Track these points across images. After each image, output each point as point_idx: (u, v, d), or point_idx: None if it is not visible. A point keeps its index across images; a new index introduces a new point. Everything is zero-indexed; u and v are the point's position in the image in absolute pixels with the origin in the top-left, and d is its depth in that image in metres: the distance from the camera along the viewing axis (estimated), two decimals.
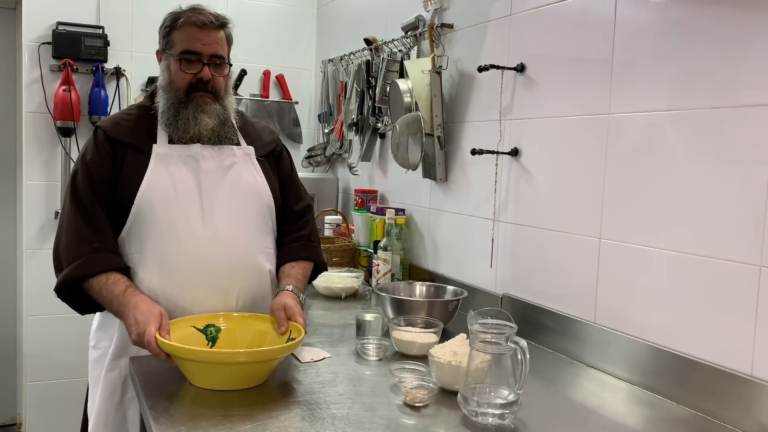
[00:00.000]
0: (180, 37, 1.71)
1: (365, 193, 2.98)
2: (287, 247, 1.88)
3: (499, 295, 2.12)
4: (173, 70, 1.72)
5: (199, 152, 1.73)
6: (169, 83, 1.73)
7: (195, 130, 1.71)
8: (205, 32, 1.70)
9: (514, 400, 1.31)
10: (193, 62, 1.71)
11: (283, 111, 3.70)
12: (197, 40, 1.70)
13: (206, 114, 1.72)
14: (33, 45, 3.17)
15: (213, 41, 1.72)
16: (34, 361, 3.26)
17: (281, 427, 1.27)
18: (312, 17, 3.77)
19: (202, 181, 1.72)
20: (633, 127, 1.63)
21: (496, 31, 2.15)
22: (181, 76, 1.71)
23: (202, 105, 1.72)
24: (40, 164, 3.23)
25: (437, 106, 2.33)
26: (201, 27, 1.70)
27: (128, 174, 1.68)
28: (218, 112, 1.74)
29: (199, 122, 1.71)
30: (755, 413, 1.32)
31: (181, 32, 1.71)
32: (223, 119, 1.75)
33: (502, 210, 2.12)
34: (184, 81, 1.71)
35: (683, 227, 1.50)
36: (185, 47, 1.70)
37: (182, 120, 1.71)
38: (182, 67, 1.71)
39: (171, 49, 1.72)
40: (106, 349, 1.73)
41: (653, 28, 1.58)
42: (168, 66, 1.74)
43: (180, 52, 1.71)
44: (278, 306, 1.64)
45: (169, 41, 1.73)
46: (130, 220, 1.67)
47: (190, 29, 1.70)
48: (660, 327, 1.56)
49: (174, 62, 1.72)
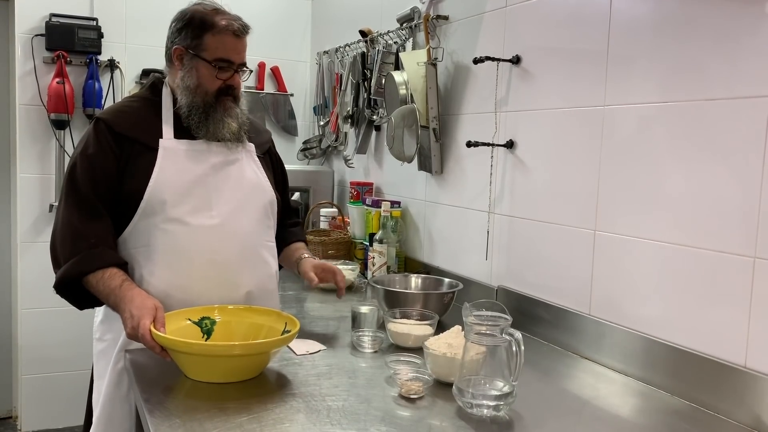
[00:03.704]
0: (216, 44, 1.71)
1: (361, 186, 2.97)
2: (290, 230, 2.02)
3: (494, 287, 2.12)
4: (204, 74, 1.72)
5: (205, 147, 1.75)
6: (197, 86, 1.73)
7: (221, 134, 1.75)
8: (239, 41, 1.74)
9: (509, 391, 1.32)
10: (226, 69, 1.73)
11: (279, 103, 3.69)
12: (233, 49, 1.73)
13: (232, 118, 1.77)
14: (26, 37, 3.15)
15: (244, 49, 1.77)
16: (29, 354, 3.26)
17: (277, 420, 1.27)
18: (307, 9, 3.76)
19: (210, 175, 1.73)
20: (628, 120, 1.63)
21: (491, 22, 2.15)
22: (213, 81, 1.73)
23: (229, 110, 1.76)
24: (34, 157, 3.22)
25: (433, 98, 2.33)
26: (237, 36, 1.73)
27: (135, 168, 1.68)
28: (239, 115, 1.79)
29: (225, 125, 1.75)
30: (749, 404, 1.33)
31: (217, 39, 1.71)
32: (242, 122, 1.80)
33: (498, 202, 2.12)
34: (214, 86, 1.74)
35: (677, 219, 1.50)
36: (222, 55, 1.72)
37: (213, 123, 1.74)
38: (218, 74, 1.73)
39: (202, 53, 1.71)
40: (112, 342, 1.72)
41: (648, 20, 1.57)
42: (197, 68, 1.73)
43: (215, 58, 1.71)
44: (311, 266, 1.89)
45: (200, 44, 1.72)
46: (139, 214, 1.67)
47: (227, 37, 1.72)
48: (654, 318, 1.56)
49: (206, 66, 1.72)
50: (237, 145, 1.80)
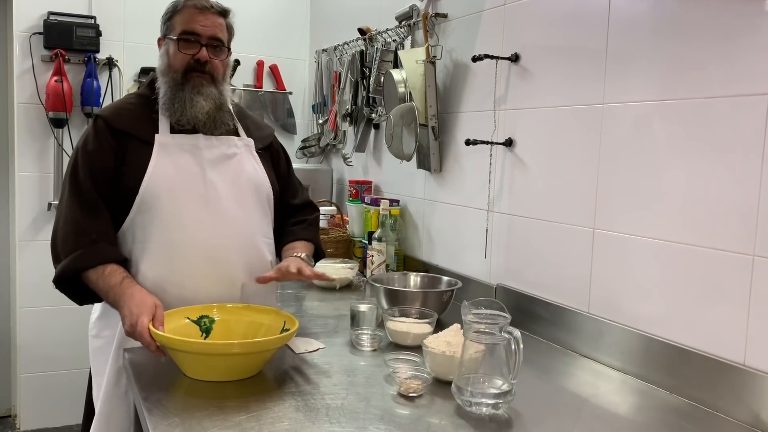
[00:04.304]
0: (180, 20, 1.73)
1: (359, 184, 2.97)
2: (290, 229, 1.92)
3: (493, 285, 2.12)
4: (171, 53, 1.74)
5: (201, 142, 1.74)
6: (167, 66, 1.74)
7: (191, 113, 1.71)
8: (204, 15, 1.73)
9: (508, 389, 1.32)
10: (191, 42, 1.72)
11: (277, 101, 3.69)
12: (196, 21, 1.72)
13: (202, 96, 1.72)
14: (24, 35, 3.14)
15: (212, 24, 1.74)
16: (28, 353, 3.25)
17: (276, 418, 1.27)
18: (306, 7, 3.75)
19: (206, 169, 1.73)
20: (627, 118, 1.63)
21: (490, 20, 2.14)
22: (179, 57, 1.72)
23: (198, 86, 1.72)
24: (33, 155, 3.21)
25: (431, 97, 2.33)
26: (201, 10, 1.73)
27: (131, 164, 1.68)
28: (214, 95, 1.74)
29: (195, 104, 1.71)
30: (748, 402, 1.33)
31: (181, 15, 1.73)
32: (218, 103, 1.75)
33: (497, 200, 2.12)
34: (182, 63, 1.72)
35: (676, 217, 1.50)
36: (184, 28, 1.72)
37: (179, 102, 1.71)
38: (180, 47, 1.72)
39: (171, 33, 1.74)
40: (110, 338, 1.72)
41: (647, 18, 1.57)
42: (167, 50, 1.75)
43: (179, 33, 1.72)
44: (291, 261, 1.71)
45: (169, 26, 1.75)
46: (134, 210, 1.67)
47: (190, 11, 1.73)
48: (653, 317, 1.56)
49: (173, 45, 1.73)
50: (233, 138, 1.79)
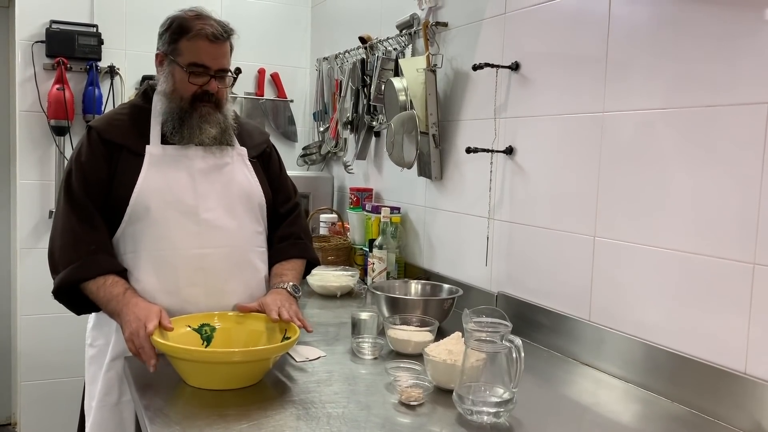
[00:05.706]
0: (189, 49, 1.70)
1: (360, 192, 2.98)
2: (277, 248, 1.90)
3: (494, 293, 2.12)
4: (178, 79, 1.72)
5: (192, 153, 1.74)
6: (173, 91, 1.73)
7: (199, 139, 1.73)
8: (214, 46, 1.70)
9: (509, 398, 1.32)
10: (200, 74, 1.71)
11: (278, 109, 3.70)
12: (207, 53, 1.70)
13: (209, 124, 1.74)
14: (26, 43, 3.15)
15: (221, 55, 1.73)
16: (28, 361, 3.25)
17: (276, 426, 1.27)
18: (307, 15, 3.77)
19: (197, 180, 1.72)
20: (627, 126, 1.64)
21: (490, 29, 2.15)
22: (187, 86, 1.71)
23: (205, 116, 1.73)
24: (34, 163, 3.22)
25: (432, 105, 2.33)
26: (212, 41, 1.70)
27: (123, 175, 1.69)
28: (220, 121, 1.76)
29: (203, 131, 1.73)
30: (749, 410, 1.33)
31: (191, 43, 1.70)
32: (224, 127, 1.77)
33: (497, 208, 2.12)
34: (189, 91, 1.72)
35: (677, 225, 1.50)
36: (194, 60, 1.70)
37: (187, 129, 1.72)
38: (190, 79, 1.71)
39: (177, 58, 1.71)
40: (103, 348, 1.73)
41: (647, 26, 1.58)
42: (173, 73, 1.73)
43: (188, 63, 1.70)
44: (272, 301, 1.66)
45: (176, 49, 1.71)
46: (125, 221, 1.68)
47: (201, 42, 1.69)
48: (654, 325, 1.56)
49: (180, 72, 1.71)
50: (224, 148, 1.78)
